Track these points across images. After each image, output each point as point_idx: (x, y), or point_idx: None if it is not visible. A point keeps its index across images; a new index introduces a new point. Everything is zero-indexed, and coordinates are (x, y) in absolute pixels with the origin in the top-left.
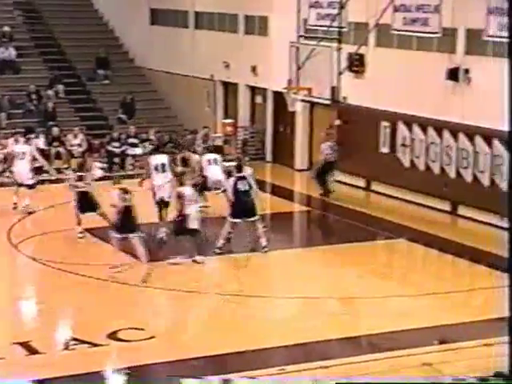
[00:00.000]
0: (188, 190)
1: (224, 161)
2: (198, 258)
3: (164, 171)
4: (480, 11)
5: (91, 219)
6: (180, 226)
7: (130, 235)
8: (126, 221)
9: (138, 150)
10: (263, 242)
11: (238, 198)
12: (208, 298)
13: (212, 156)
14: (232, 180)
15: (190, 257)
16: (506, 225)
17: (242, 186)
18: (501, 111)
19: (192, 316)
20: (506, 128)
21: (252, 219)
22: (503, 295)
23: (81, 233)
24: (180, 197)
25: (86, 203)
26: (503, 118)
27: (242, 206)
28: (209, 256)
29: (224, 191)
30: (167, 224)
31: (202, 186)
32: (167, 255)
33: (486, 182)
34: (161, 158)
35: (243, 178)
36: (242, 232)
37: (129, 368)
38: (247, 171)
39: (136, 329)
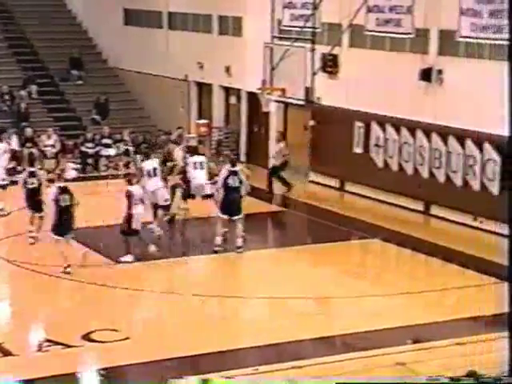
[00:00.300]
0: (137, 190)
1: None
2: (127, 257)
3: (156, 175)
4: (452, 12)
5: None
6: (127, 226)
7: (66, 236)
8: (63, 221)
9: (112, 151)
10: (239, 242)
11: (226, 193)
12: (183, 298)
13: (198, 159)
14: (224, 173)
15: (137, 259)
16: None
17: (232, 182)
18: (473, 112)
19: (166, 317)
20: (477, 128)
21: (235, 218)
22: (475, 294)
23: (31, 231)
24: (128, 196)
25: (36, 202)
26: (476, 118)
27: (229, 203)
28: (185, 256)
29: (209, 196)
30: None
31: (186, 193)
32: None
33: (458, 182)
34: (152, 163)
35: (235, 173)
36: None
37: (103, 369)
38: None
39: (110, 330)
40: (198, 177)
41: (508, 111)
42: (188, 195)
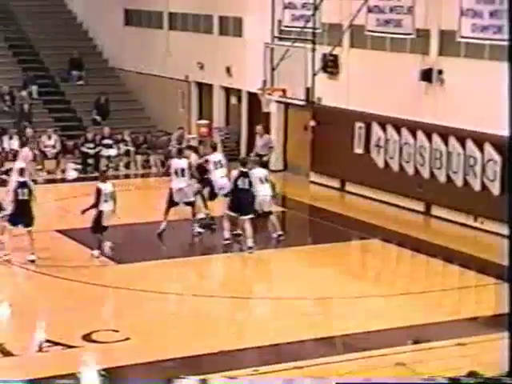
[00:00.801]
0: (107, 187)
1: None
2: (95, 252)
3: (183, 175)
4: (453, 12)
5: (63, 220)
6: (96, 223)
7: (23, 227)
8: (20, 214)
9: (113, 152)
10: (250, 242)
11: (235, 193)
12: (183, 299)
13: (217, 157)
14: (235, 174)
15: (111, 248)
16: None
17: (241, 183)
18: (474, 112)
19: (167, 317)
20: (478, 128)
21: (244, 217)
22: (475, 295)
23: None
24: (98, 193)
25: None
26: (476, 118)
27: (239, 203)
28: (179, 257)
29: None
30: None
31: (210, 193)
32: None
33: (459, 182)
34: (181, 163)
35: (245, 174)
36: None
37: (104, 369)
38: (262, 172)
39: (111, 330)
40: (220, 175)
41: (508, 111)
42: (212, 195)
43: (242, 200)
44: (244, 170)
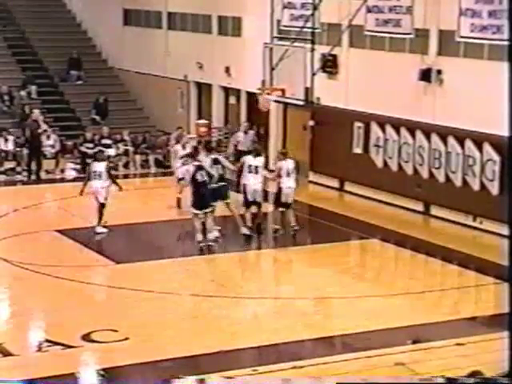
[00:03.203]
0: (100, 166)
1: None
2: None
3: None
4: (452, 12)
5: (63, 220)
6: None
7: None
8: None
9: (112, 151)
10: (212, 235)
11: (195, 188)
12: (181, 299)
13: (254, 162)
14: (191, 169)
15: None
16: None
17: (200, 177)
18: (473, 112)
19: (166, 317)
20: (477, 128)
21: (205, 211)
22: (475, 295)
23: None
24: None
25: None
26: (475, 118)
27: (199, 198)
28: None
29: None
30: None
31: (243, 200)
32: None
33: (458, 182)
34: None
35: (201, 167)
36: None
37: (103, 369)
38: (291, 164)
39: (110, 330)
40: (253, 182)
41: (508, 111)
42: (245, 201)
43: (202, 194)
44: (197, 164)
